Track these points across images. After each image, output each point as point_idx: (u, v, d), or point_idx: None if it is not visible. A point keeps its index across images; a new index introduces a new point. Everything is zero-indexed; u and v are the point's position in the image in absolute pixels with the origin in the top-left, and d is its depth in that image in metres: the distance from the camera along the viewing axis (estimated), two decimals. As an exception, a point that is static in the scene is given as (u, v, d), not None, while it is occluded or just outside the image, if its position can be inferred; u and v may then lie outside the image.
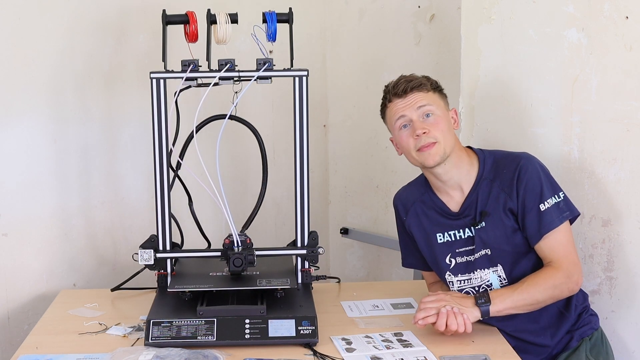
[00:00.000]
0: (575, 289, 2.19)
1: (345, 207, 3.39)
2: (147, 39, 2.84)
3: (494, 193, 2.22)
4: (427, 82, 2.25)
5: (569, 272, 2.16)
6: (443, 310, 2.11)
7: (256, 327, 2.15)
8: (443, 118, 2.23)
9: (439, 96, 2.26)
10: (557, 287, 2.15)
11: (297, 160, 2.37)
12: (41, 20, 2.65)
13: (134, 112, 2.85)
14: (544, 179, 2.20)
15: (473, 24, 2.61)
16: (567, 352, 2.26)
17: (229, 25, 2.33)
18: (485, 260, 2.24)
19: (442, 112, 2.23)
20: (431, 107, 2.22)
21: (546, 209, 2.18)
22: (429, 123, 2.21)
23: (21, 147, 2.67)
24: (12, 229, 2.66)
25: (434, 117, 2.21)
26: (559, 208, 2.18)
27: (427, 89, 2.23)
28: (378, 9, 3.15)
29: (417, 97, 2.22)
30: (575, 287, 2.18)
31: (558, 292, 2.16)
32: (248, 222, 2.47)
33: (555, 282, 2.15)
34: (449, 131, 2.23)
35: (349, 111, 3.32)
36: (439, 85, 2.29)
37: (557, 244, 2.18)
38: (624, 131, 2.28)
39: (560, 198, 2.19)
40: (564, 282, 2.15)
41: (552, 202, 2.18)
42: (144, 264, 2.38)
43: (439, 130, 2.20)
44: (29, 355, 2.10)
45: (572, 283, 2.16)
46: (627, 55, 2.25)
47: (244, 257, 2.28)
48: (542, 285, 2.14)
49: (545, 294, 2.14)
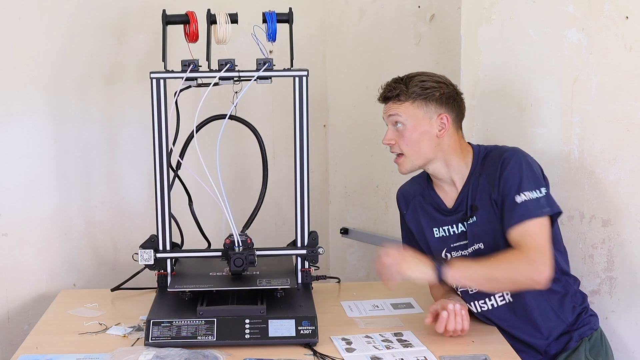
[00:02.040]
0: (541, 281, 2.08)
1: (345, 207, 3.39)
2: (147, 39, 2.84)
3: (481, 186, 2.23)
4: (404, 93, 2.21)
5: (533, 259, 2.08)
6: (443, 314, 2.13)
7: (256, 327, 2.15)
8: (414, 130, 2.21)
9: (418, 105, 2.21)
10: (516, 269, 2.09)
11: (297, 160, 2.37)
12: (41, 20, 2.65)
13: (134, 112, 2.85)
14: (525, 172, 2.17)
15: (473, 24, 2.62)
16: (566, 352, 2.26)
17: (229, 25, 2.33)
18: (478, 255, 2.24)
19: (414, 124, 2.21)
20: (400, 119, 2.22)
21: (523, 202, 2.14)
22: (397, 134, 2.23)
23: (21, 147, 2.67)
24: (12, 229, 2.66)
25: (402, 128, 2.22)
26: (539, 203, 2.14)
27: (403, 99, 2.21)
28: (378, 8, 3.15)
29: (391, 107, 2.24)
30: (539, 277, 2.08)
31: (518, 275, 2.09)
32: (249, 222, 2.47)
33: (517, 265, 2.09)
34: (422, 142, 2.21)
35: (349, 111, 3.32)
36: (426, 92, 2.21)
37: (528, 234, 2.13)
38: (624, 131, 2.29)
39: (541, 194, 2.15)
40: (526, 268, 2.08)
41: (532, 196, 2.14)
42: (144, 264, 2.38)
43: (405, 143, 2.22)
44: (29, 355, 2.10)
45: (535, 272, 2.07)
46: (627, 55, 2.26)
47: (245, 257, 2.28)
48: (502, 264, 2.10)
49: (504, 274, 2.10)
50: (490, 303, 2.26)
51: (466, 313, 2.18)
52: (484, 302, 2.27)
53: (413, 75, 2.25)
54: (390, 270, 2.13)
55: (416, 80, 2.22)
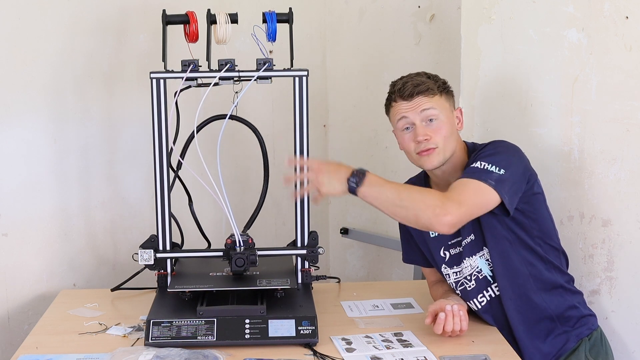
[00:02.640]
0: (440, 222, 2.04)
1: (345, 207, 3.39)
2: (147, 39, 2.84)
3: None
4: (434, 86, 2.22)
5: (446, 202, 2.05)
6: (441, 316, 2.13)
7: (256, 327, 2.15)
8: (446, 123, 2.21)
9: (445, 98, 2.24)
10: (425, 202, 2.06)
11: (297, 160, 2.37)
12: (41, 20, 2.65)
13: (134, 112, 2.85)
14: (497, 153, 2.16)
15: (473, 24, 2.62)
16: (565, 353, 2.26)
17: (229, 25, 2.33)
18: (472, 246, 2.25)
19: (446, 116, 2.22)
20: (435, 112, 2.20)
21: (475, 166, 2.13)
22: (431, 129, 2.20)
23: (21, 147, 2.67)
24: (12, 229, 2.66)
25: (437, 122, 2.20)
26: (490, 174, 2.10)
27: (433, 92, 2.21)
28: (378, 9, 3.15)
29: (422, 101, 2.20)
30: (441, 217, 2.04)
31: (423, 207, 2.05)
32: (250, 222, 2.47)
33: (428, 198, 2.07)
34: (451, 135, 2.22)
35: (349, 111, 3.32)
36: (447, 86, 2.26)
37: (459, 186, 2.11)
38: (624, 131, 2.29)
39: (500, 172, 2.11)
40: (435, 204, 2.04)
41: (489, 168, 2.11)
42: (144, 264, 2.38)
43: (441, 137, 2.20)
44: (29, 355, 2.10)
45: (440, 211, 2.03)
46: (627, 55, 2.25)
47: (247, 257, 2.28)
48: (415, 193, 2.10)
49: (412, 203, 2.06)
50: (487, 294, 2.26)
51: (465, 313, 2.17)
52: (482, 295, 2.26)
53: (428, 74, 2.27)
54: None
55: (435, 76, 2.26)
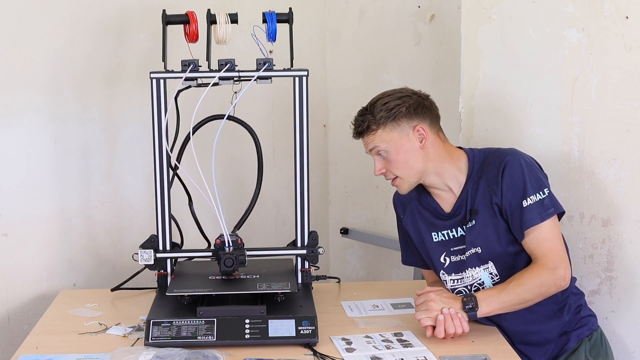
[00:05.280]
0: (563, 284, 2.16)
1: (345, 207, 3.39)
2: (147, 39, 2.84)
3: (481, 191, 2.23)
4: (372, 122, 2.21)
5: (553, 266, 2.14)
6: (440, 318, 2.13)
7: (256, 327, 2.15)
8: (398, 151, 2.21)
9: (390, 128, 2.21)
10: (543, 284, 2.14)
11: (297, 160, 2.37)
12: (41, 20, 2.65)
13: (134, 112, 2.85)
14: (527, 175, 2.19)
15: (473, 24, 2.61)
16: (565, 353, 2.26)
17: (229, 25, 2.33)
18: (475, 259, 2.25)
19: (395, 146, 2.21)
20: (381, 146, 2.22)
21: (528, 206, 2.17)
22: (385, 162, 2.24)
23: (21, 147, 2.67)
24: (12, 229, 2.66)
25: (387, 154, 2.23)
26: (543, 205, 2.17)
27: (374, 129, 2.21)
28: (378, 9, 3.15)
29: (367, 140, 2.25)
30: (562, 282, 2.15)
31: (545, 289, 2.14)
32: (240, 222, 2.47)
33: (541, 280, 2.13)
34: (411, 160, 2.22)
35: (349, 111, 3.29)
36: (393, 113, 2.20)
37: (542, 240, 2.17)
38: (624, 131, 2.29)
39: (544, 195, 2.18)
40: (550, 278, 2.14)
41: (536, 199, 2.17)
42: (144, 264, 2.38)
43: (396, 167, 2.23)
44: (29, 355, 2.10)
45: (558, 278, 2.14)
46: (627, 55, 2.25)
47: (235, 257, 2.27)
48: (528, 284, 2.13)
49: (532, 292, 2.14)
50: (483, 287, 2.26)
51: (463, 314, 2.16)
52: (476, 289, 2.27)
53: (375, 100, 2.26)
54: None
55: (379, 105, 2.22)
